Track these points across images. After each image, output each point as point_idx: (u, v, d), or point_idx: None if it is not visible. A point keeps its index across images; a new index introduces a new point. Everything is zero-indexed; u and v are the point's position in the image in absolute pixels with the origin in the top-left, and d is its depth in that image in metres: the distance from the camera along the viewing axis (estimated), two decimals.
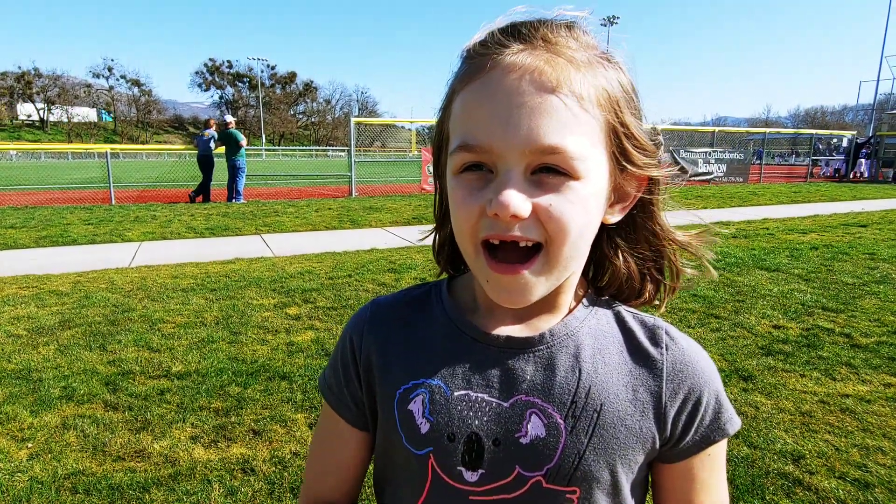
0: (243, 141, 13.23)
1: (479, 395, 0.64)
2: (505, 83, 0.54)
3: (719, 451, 0.66)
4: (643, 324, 0.68)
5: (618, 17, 59.16)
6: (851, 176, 23.63)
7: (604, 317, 0.68)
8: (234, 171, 13.19)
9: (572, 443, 0.61)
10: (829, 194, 16.00)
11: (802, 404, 3.02)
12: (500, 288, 0.58)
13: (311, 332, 4.11)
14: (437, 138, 0.65)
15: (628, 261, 0.69)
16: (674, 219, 0.70)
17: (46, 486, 2.32)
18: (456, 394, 0.64)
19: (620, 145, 0.59)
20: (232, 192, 13.32)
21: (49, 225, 9.39)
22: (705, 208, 12.34)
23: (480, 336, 0.66)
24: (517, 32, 0.57)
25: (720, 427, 0.65)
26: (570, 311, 0.67)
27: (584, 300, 0.69)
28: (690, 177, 19.62)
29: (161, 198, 14.36)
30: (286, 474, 2.41)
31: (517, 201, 0.53)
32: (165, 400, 3.07)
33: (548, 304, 0.66)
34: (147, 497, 2.26)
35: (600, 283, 0.72)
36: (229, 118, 13.60)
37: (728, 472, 2.38)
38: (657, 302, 0.72)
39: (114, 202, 13.06)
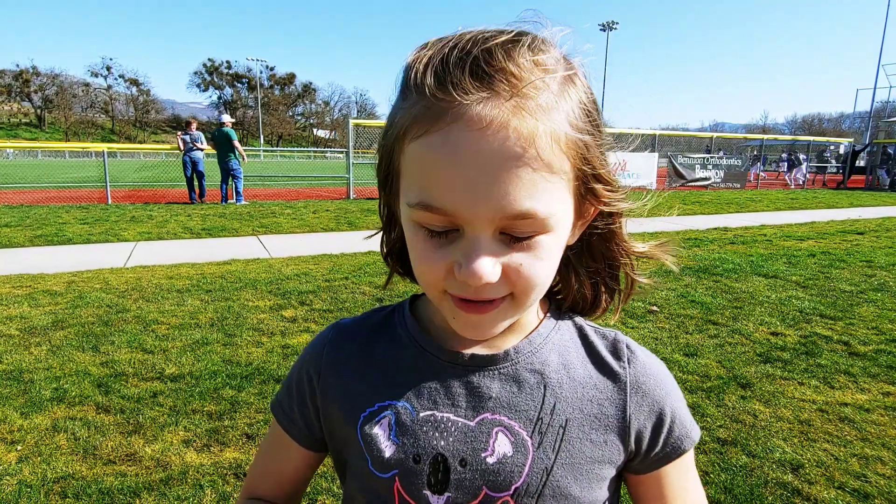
0: (235, 141, 12.94)
1: (445, 414, 0.63)
2: (470, 143, 0.48)
3: (689, 456, 0.68)
4: (604, 338, 0.69)
5: (617, 23, 59.33)
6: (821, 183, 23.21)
7: (567, 332, 0.68)
8: (228, 174, 13.07)
9: (539, 459, 0.61)
10: (827, 201, 16.04)
11: (801, 413, 3.00)
12: (468, 325, 0.58)
13: (306, 335, 4.08)
14: (384, 164, 0.59)
15: (581, 275, 0.69)
16: (667, 224, 0.68)
17: (35, 490, 2.28)
18: (422, 414, 0.63)
19: (587, 185, 0.57)
20: (225, 193, 13.23)
21: (44, 224, 9.33)
22: (703, 214, 12.36)
23: (444, 355, 0.65)
24: (478, 70, 0.49)
25: (687, 435, 0.67)
26: (535, 328, 0.67)
27: (548, 316, 0.69)
28: (687, 182, 19.66)
29: (158, 198, 14.32)
30: None
31: (488, 270, 0.51)
32: (158, 403, 3.03)
33: (510, 326, 0.65)
34: (137, 502, 2.23)
35: (556, 295, 0.72)
36: (226, 118, 13.41)
37: (727, 482, 2.36)
38: (611, 310, 0.72)
39: (110, 201, 13.00)
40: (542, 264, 0.54)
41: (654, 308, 4.76)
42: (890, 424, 2.88)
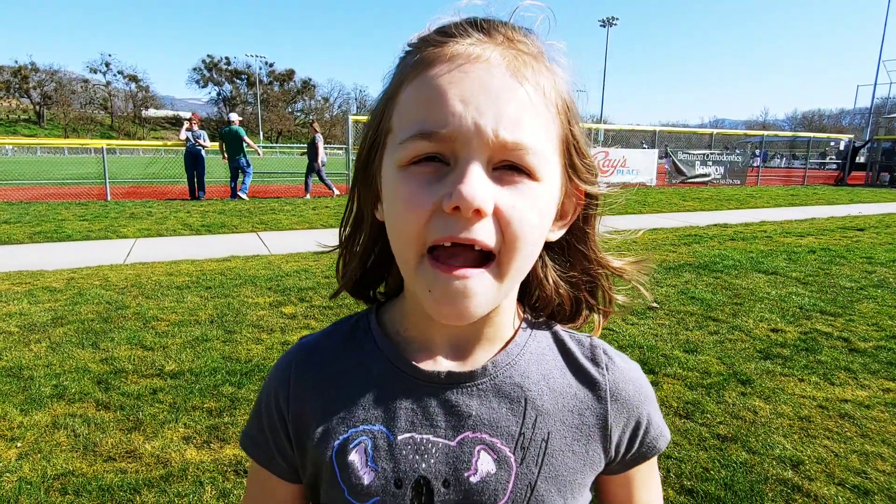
0: (246, 137, 13.15)
1: (425, 436, 0.60)
2: (470, 69, 0.51)
3: (655, 459, 0.70)
4: (580, 343, 0.67)
5: (617, 19, 59.21)
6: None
7: (543, 339, 0.66)
8: (237, 171, 13.05)
9: (523, 475, 0.59)
10: (827, 198, 16.04)
11: (801, 409, 3.00)
12: (446, 296, 0.52)
13: (306, 332, 4.04)
14: (371, 134, 0.59)
15: (559, 283, 0.66)
16: (666, 221, 0.68)
17: (35, 487, 2.28)
18: (400, 437, 0.60)
19: (570, 159, 0.58)
20: (235, 189, 13.22)
21: (43, 221, 9.32)
22: (703, 210, 12.35)
23: (419, 373, 0.62)
24: (477, 24, 0.55)
25: (662, 435, 0.68)
26: (511, 338, 0.65)
27: (523, 325, 0.66)
28: (687, 179, 19.64)
29: (157, 194, 14.29)
30: None
31: (482, 193, 0.49)
32: (158, 399, 3.03)
33: (485, 333, 0.63)
34: (138, 498, 2.23)
35: (534, 303, 0.69)
36: (235, 116, 13.44)
37: (727, 478, 2.36)
38: (592, 325, 0.70)
39: (109, 198, 12.98)
40: (531, 212, 0.53)
41: (654, 304, 4.76)
42: (890, 421, 2.88)
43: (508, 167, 0.52)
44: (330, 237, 0.73)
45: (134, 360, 3.54)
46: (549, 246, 0.64)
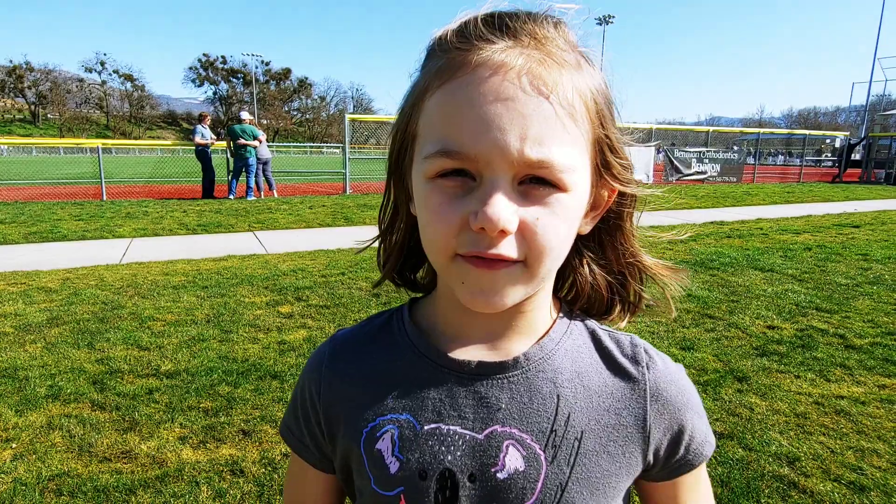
0: (262, 136, 13.12)
1: (451, 427, 0.59)
2: (494, 84, 0.49)
3: (704, 465, 0.67)
4: (619, 342, 0.65)
5: (613, 17, 59.25)
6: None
7: (579, 337, 0.65)
8: (241, 170, 13.01)
9: (554, 474, 0.58)
10: (823, 195, 16.08)
11: (797, 406, 3.00)
12: (477, 288, 0.53)
13: (303, 331, 4.06)
14: (399, 136, 0.59)
15: (594, 271, 0.66)
16: (667, 219, 0.67)
17: (30, 488, 2.27)
18: (426, 427, 0.60)
19: (604, 158, 0.57)
20: (234, 188, 13.18)
21: (39, 221, 9.28)
22: (699, 208, 12.37)
23: (449, 362, 0.61)
24: (503, 25, 0.52)
25: (707, 441, 0.65)
26: (545, 333, 0.64)
27: (559, 321, 0.65)
28: (684, 176, 19.67)
29: (153, 194, 14.25)
30: (276, 476, 2.37)
31: (507, 214, 0.49)
32: (154, 399, 3.02)
33: (519, 326, 0.62)
34: (133, 499, 2.22)
35: (567, 296, 0.69)
36: (246, 115, 13.36)
37: (723, 475, 2.37)
38: (620, 319, 0.69)
39: (105, 198, 12.94)
40: (558, 223, 0.52)
41: (651, 302, 4.76)
42: (886, 417, 2.88)
43: (535, 181, 0.51)
44: (328, 236, 0.73)
45: (130, 360, 3.52)
46: (584, 235, 0.63)
